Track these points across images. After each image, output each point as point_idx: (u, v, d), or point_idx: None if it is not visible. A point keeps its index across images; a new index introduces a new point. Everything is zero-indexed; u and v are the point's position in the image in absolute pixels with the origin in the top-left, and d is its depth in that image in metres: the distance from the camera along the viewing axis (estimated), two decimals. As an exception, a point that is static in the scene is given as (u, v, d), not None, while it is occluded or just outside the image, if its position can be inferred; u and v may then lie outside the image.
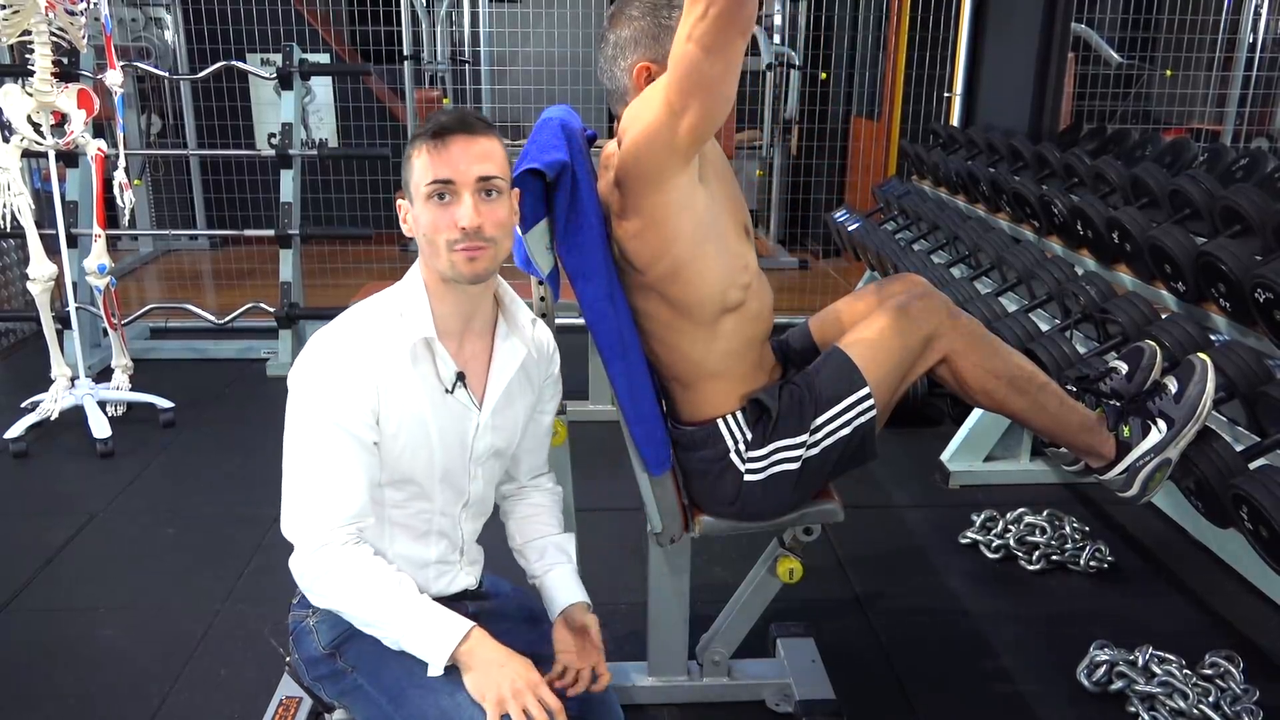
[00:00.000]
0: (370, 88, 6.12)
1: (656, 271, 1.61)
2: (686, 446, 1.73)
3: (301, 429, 1.31)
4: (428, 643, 1.28)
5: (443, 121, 1.29)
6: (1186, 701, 1.99)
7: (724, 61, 1.40)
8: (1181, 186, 2.51)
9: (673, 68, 1.43)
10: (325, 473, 1.30)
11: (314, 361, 1.31)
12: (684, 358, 1.68)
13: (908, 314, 1.69)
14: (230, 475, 3.12)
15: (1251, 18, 5.86)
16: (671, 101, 1.44)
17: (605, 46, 1.62)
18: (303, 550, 1.30)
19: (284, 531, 1.32)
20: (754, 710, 2.03)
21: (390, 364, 1.31)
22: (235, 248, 6.07)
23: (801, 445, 1.67)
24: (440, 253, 1.30)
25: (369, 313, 1.35)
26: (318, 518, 1.30)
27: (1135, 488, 1.83)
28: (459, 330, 1.38)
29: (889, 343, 1.68)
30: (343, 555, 1.29)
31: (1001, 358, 1.75)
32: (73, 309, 3.45)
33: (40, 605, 2.40)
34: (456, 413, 1.37)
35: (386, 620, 1.30)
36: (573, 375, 1.57)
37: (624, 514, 2.55)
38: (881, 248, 3.82)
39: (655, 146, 1.50)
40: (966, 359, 1.71)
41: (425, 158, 1.28)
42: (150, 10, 5.94)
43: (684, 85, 1.42)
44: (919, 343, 1.69)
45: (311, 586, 1.31)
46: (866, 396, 1.66)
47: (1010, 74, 4.09)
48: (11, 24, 3.03)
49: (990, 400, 1.76)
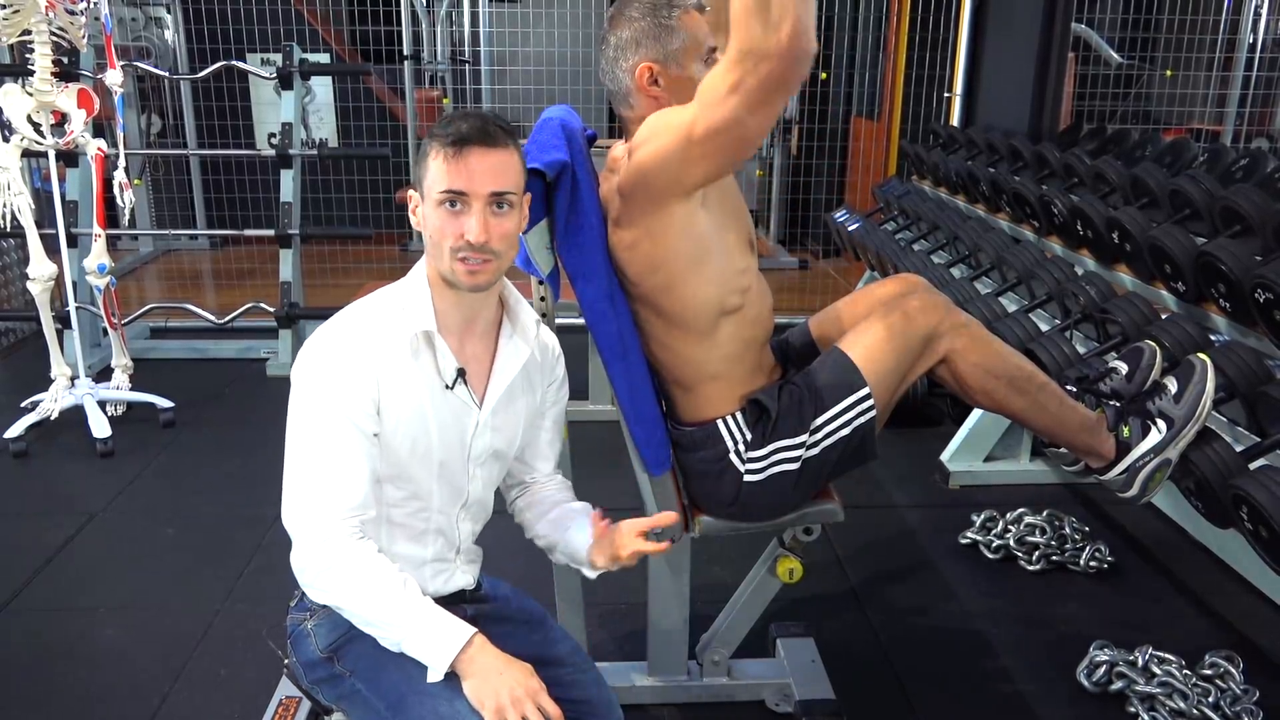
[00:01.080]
0: (370, 87, 6.12)
1: (648, 285, 1.61)
2: (686, 447, 1.73)
3: (304, 419, 1.30)
4: (429, 647, 1.27)
5: (463, 130, 1.27)
6: (1186, 702, 1.99)
7: (766, 119, 1.41)
8: (1181, 187, 2.51)
9: (706, 111, 1.41)
10: (328, 462, 1.29)
11: (316, 353, 1.31)
12: (683, 361, 1.68)
13: (907, 314, 1.69)
14: (230, 475, 3.12)
15: (1251, 18, 5.86)
16: (693, 138, 1.44)
17: (606, 48, 1.62)
18: (305, 542, 1.29)
19: (285, 523, 1.31)
20: (754, 710, 2.03)
21: (391, 356, 1.31)
22: (235, 247, 6.07)
23: (801, 445, 1.67)
24: (444, 257, 1.30)
25: (371, 306, 1.35)
26: (321, 508, 1.29)
27: (1135, 488, 1.83)
28: (460, 328, 1.37)
29: (889, 343, 1.68)
30: (347, 550, 1.28)
31: (1001, 358, 1.74)
32: (73, 308, 3.45)
33: (40, 605, 2.40)
34: (456, 409, 1.37)
35: (388, 621, 1.29)
36: (573, 375, 1.57)
37: (624, 514, 2.55)
38: (881, 248, 3.82)
39: (665, 173, 1.50)
40: (966, 359, 1.71)
41: (441, 164, 1.27)
42: (150, 10, 5.94)
43: (714, 132, 1.41)
44: (919, 343, 1.69)
45: (314, 581, 1.30)
46: (866, 397, 1.66)
47: (1010, 74, 4.09)
48: (11, 23, 3.03)
49: (990, 400, 1.76)
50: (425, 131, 1.42)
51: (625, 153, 1.59)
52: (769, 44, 1.32)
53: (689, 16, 1.58)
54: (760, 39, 1.32)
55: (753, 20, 1.32)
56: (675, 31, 1.56)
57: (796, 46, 1.33)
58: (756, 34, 1.32)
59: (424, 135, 1.32)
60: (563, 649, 1.52)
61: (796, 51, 1.33)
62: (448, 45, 6.36)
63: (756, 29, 1.32)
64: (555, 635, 1.55)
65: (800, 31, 1.32)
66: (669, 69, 1.57)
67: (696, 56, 1.58)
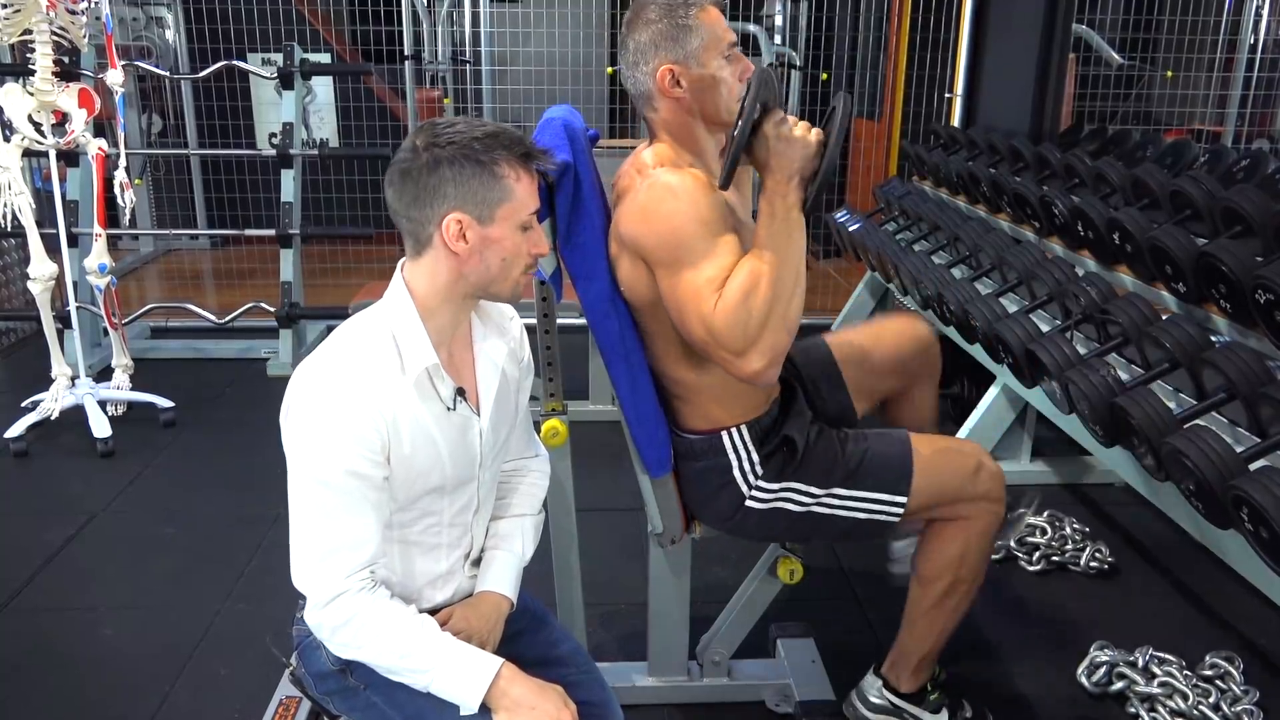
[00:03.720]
0: (371, 87, 6.12)
1: (639, 305, 1.62)
2: (686, 455, 1.71)
3: (307, 478, 1.23)
4: (458, 686, 1.24)
5: (529, 145, 1.26)
6: (1186, 702, 1.99)
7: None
8: (1182, 187, 2.50)
9: (673, 308, 1.50)
10: (336, 524, 1.24)
11: (312, 404, 1.22)
12: (679, 375, 1.67)
13: (984, 468, 1.72)
14: (230, 475, 3.12)
15: (1252, 19, 5.85)
16: (656, 280, 1.52)
17: (625, 52, 1.61)
18: (318, 603, 1.25)
19: (295, 583, 1.27)
20: (754, 710, 2.03)
21: (395, 398, 1.25)
22: (236, 247, 6.07)
23: (813, 498, 1.68)
24: (509, 277, 1.28)
25: (359, 344, 1.27)
26: (331, 570, 1.24)
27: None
28: (448, 340, 1.34)
29: (951, 477, 1.70)
30: (360, 603, 1.24)
31: (980, 566, 1.78)
32: (73, 308, 3.45)
33: (40, 605, 2.40)
34: (460, 425, 1.34)
35: (414, 668, 1.25)
36: (573, 375, 1.57)
37: (624, 514, 2.55)
38: (882, 248, 3.81)
39: (635, 265, 1.56)
40: (961, 542, 1.73)
41: (526, 183, 1.25)
42: (151, 9, 5.94)
43: (669, 312, 1.52)
44: (968, 496, 1.70)
45: (331, 639, 1.27)
46: (900, 504, 1.68)
47: (1011, 75, 4.08)
48: (12, 23, 3.03)
49: (923, 586, 1.78)
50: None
51: (637, 170, 1.59)
52: (734, 367, 1.46)
53: (706, 14, 1.57)
54: (732, 361, 1.45)
55: (736, 331, 1.42)
56: (693, 30, 1.56)
57: (763, 378, 1.46)
58: (733, 348, 1.44)
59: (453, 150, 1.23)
60: (563, 649, 1.52)
61: (761, 381, 1.47)
62: (449, 45, 6.35)
63: (739, 342, 1.43)
64: (556, 635, 1.55)
65: (773, 365, 1.45)
66: (690, 69, 1.56)
67: (717, 53, 1.57)
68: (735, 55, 1.59)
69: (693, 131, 1.62)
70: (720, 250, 1.47)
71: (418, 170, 1.23)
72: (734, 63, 1.58)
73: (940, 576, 1.75)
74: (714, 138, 1.64)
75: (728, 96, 1.58)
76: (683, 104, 1.59)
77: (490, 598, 1.43)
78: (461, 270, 1.27)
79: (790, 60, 5.92)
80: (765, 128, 1.42)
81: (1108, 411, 2.17)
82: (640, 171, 1.58)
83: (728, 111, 1.58)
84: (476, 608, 1.42)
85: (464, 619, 1.39)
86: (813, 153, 1.44)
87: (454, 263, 1.26)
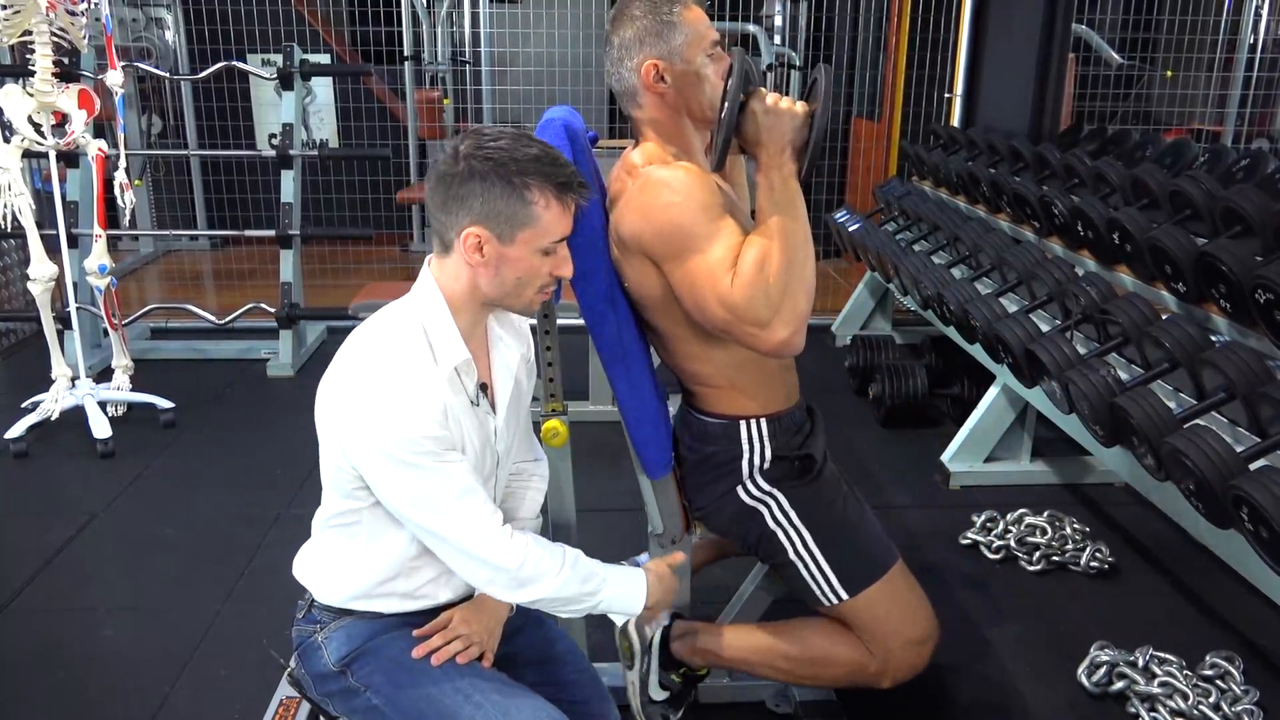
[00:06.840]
0: (371, 88, 6.12)
1: (649, 304, 1.62)
2: (700, 437, 1.71)
3: (409, 469, 1.24)
4: (627, 602, 1.40)
5: (570, 175, 1.27)
6: (1187, 702, 1.99)
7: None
8: (1182, 187, 2.50)
9: (685, 289, 1.50)
10: (461, 493, 1.27)
11: (369, 396, 1.23)
12: (694, 369, 1.68)
13: (923, 646, 1.77)
14: (230, 476, 3.11)
15: (1252, 18, 5.85)
16: (662, 271, 1.53)
17: (610, 49, 1.61)
18: (493, 555, 1.29)
19: (462, 571, 1.33)
20: (754, 710, 2.03)
21: (440, 389, 1.27)
22: (236, 248, 6.07)
23: (787, 521, 1.69)
24: (523, 295, 1.31)
25: (395, 336, 1.29)
26: (483, 532, 1.28)
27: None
28: (469, 338, 1.35)
29: (897, 621, 1.73)
30: (519, 552, 1.30)
31: (829, 680, 1.82)
32: (73, 309, 3.45)
33: (40, 605, 2.41)
34: (481, 420, 1.36)
35: (591, 590, 1.36)
36: (573, 375, 1.57)
37: (624, 514, 2.55)
38: (882, 248, 3.82)
39: (637, 260, 1.57)
40: (846, 657, 1.74)
41: (556, 212, 1.26)
42: (151, 10, 5.94)
43: (680, 299, 1.53)
44: (888, 647, 1.73)
45: (514, 591, 1.32)
46: (840, 598, 1.70)
47: (1011, 75, 4.08)
48: (12, 24, 3.03)
49: (794, 644, 1.79)
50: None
51: (627, 172, 1.60)
52: (760, 340, 1.45)
53: (690, 11, 1.58)
54: (758, 334, 1.44)
55: (758, 301, 1.41)
56: (677, 27, 1.56)
57: (790, 346, 1.45)
58: (758, 319, 1.42)
59: (445, 143, 1.26)
60: (561, 648, 1.53)
61: (789, 350, 1.46)
62: (448, 46, 6.36)
63: (762, 312, 1.42)
64: (554, 634, 1.55)
65: (798, 332, 1.44)
66: (674, 64, 1.57)
67: (700, 50, 1.58)
68: (718, 54, 1.60)
69: (679, 126, 1.62)
70: (724, 232, 1.48)
71: (451, 177, 1.24)
72: (717, 61, 1.59)
73: (811, 652, 1.76)
74: (699, 134, 1.65)
75: (711, 93, 1.58)
76: (667, 99, 1.59)
77: (492, 601, 1.44)
78: (475, 280, 1.29)
79: (790, 60, 5.92)
80: (752, 105, 1.45)
81: (1108, 411, 2.17)
82: (630, 173, 1.59)
83: (711, 108, 1.58)
84: (478, 610, 1.43)
85: (465, 621, 1.40)
86: (800, 123, 1.47)
87: (470, 272, 1.28)
